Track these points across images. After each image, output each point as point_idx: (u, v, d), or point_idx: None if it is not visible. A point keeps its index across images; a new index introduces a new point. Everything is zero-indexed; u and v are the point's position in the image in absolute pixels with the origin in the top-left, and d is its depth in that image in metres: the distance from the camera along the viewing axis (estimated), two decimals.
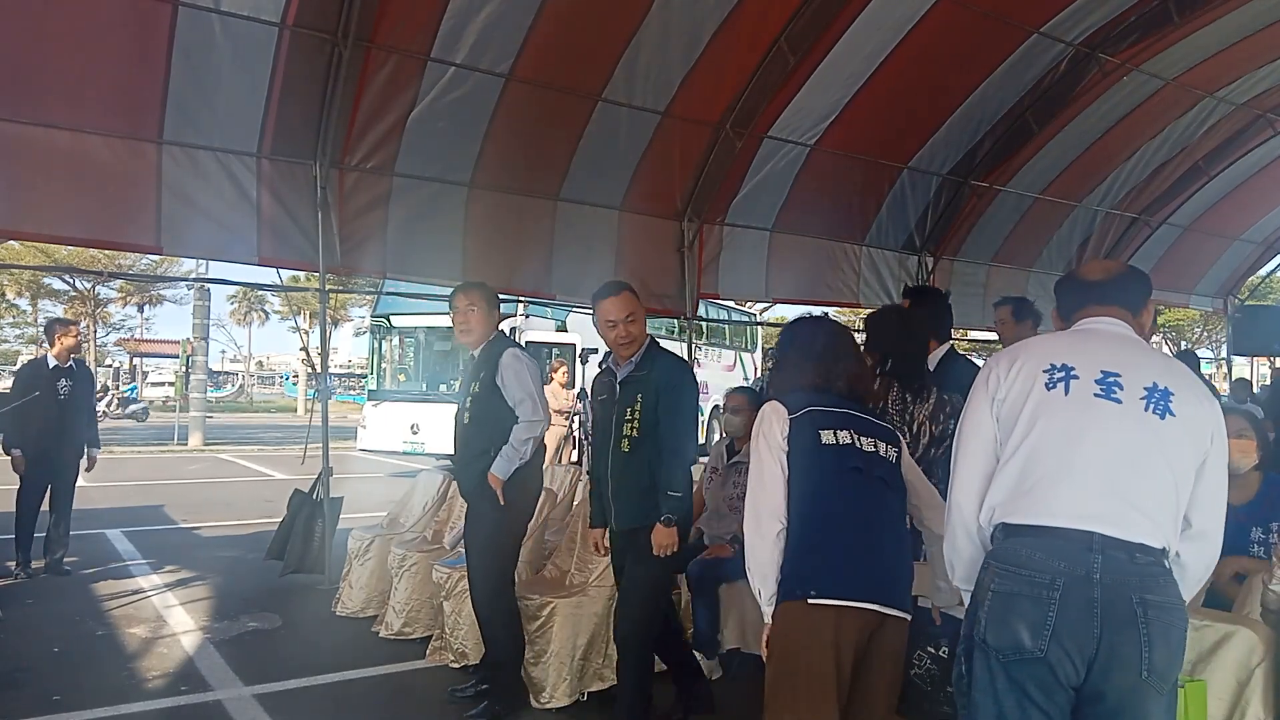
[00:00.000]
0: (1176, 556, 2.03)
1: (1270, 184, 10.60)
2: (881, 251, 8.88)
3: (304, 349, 30.65)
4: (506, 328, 4.51)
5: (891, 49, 6.80)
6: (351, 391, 38.92)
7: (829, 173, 7.87)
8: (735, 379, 16.49)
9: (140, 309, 43.35)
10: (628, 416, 3.56)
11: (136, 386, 36.95)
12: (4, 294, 35.96)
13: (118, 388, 33.26)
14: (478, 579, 3.96)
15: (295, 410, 37.18)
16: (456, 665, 4.45)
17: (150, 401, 39.53)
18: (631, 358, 3.62)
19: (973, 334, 12.55)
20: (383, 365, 15.08)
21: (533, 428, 3.94)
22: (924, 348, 3.88)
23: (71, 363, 6.54)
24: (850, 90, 7.15)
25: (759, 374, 18.07)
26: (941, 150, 8.20)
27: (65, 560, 6.49)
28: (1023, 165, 8.71)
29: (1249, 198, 10.74)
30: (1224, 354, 17.83)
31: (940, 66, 7.18)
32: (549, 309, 12.50)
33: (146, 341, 44.40)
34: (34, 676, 4.34)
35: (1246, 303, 12.89)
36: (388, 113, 6.01)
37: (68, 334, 6.57)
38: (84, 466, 6.67)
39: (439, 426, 11.47)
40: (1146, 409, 2.01)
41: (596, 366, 4.04)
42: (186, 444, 19.22)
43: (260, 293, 42.17)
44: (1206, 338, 33.85)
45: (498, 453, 3.89)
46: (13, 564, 6.29)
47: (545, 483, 4.38)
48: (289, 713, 4.02)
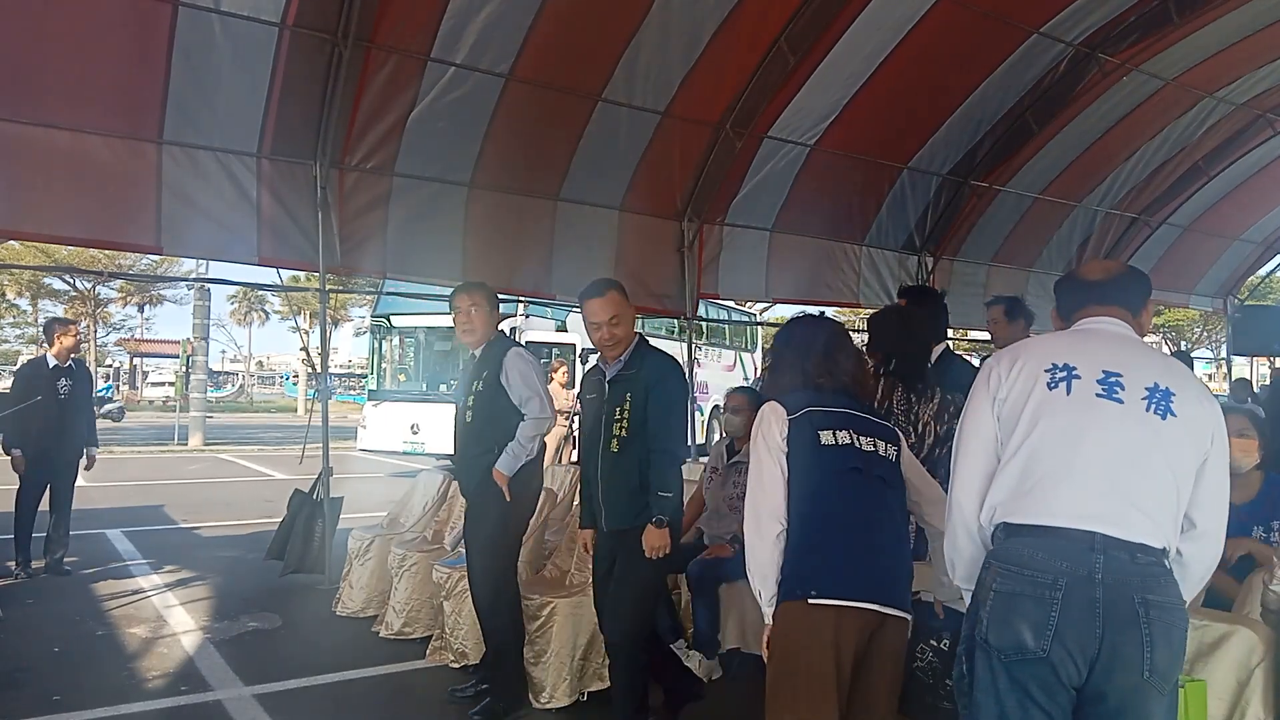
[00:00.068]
0: (1178, 555, 2.03)
1: (1270, 184, 10.60)
2: (881, 251, 8.89)
3: (304, 349, 30.61)
4: (506, 328, 4.51)
5: (891, 49, 6.80)
6: (351, 391, 38.93)
7: (829, 173, 7.88)
8: (735, 379, 16.46)
9: (140, 309, 43.41)
10: (616, 416, 3.48)
11: (112, 386, 36.96)
12: (4, 294, 35.95)
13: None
14: (481, 576, 3.96)
15: (295, 410, 37.17)
16: (456, 665, 4.44)
17: (150, 401, 39.55)
18: (620, 356, 3.56)
19: (973, 334, 12.56)
20: (383, 365, 15.07)
21: (540, 425, 3.95)
22: (926, 348, 3.88)
23: (71, 362, 6.54)
24: (850, 90, 7.16)
25: (759, 374, 18.04)
26: (941, 150, 8.21)
27: (65, 560, 6.49)
28: (1023, 165, 8.72)
29: (1249, 198, 10.74)
30: (1224, 354, 17.82)
31: (940, 66, 7.18)
32: (549, 309, 12.49)
33: (146, 341, 44.45)
34: (34, 676, 4.34)
35: (1246, 303, 12.89)
36: (388, 113, 6.01)
37: (67, 334, 6.56)
38: (83, 466, 6.67)
39: (439, 426, 11.47)
40: (1148, 409, 2.01)
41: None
42: (186, 444, 19.24)
43: (260, 293, 42.22)
44: (1206, 338, 33.84)
45: (502, 450, 3.89)
46: (13, 564, 6.29)
47: (545, 483, 4.38)
48: (289, 713, 4.02)
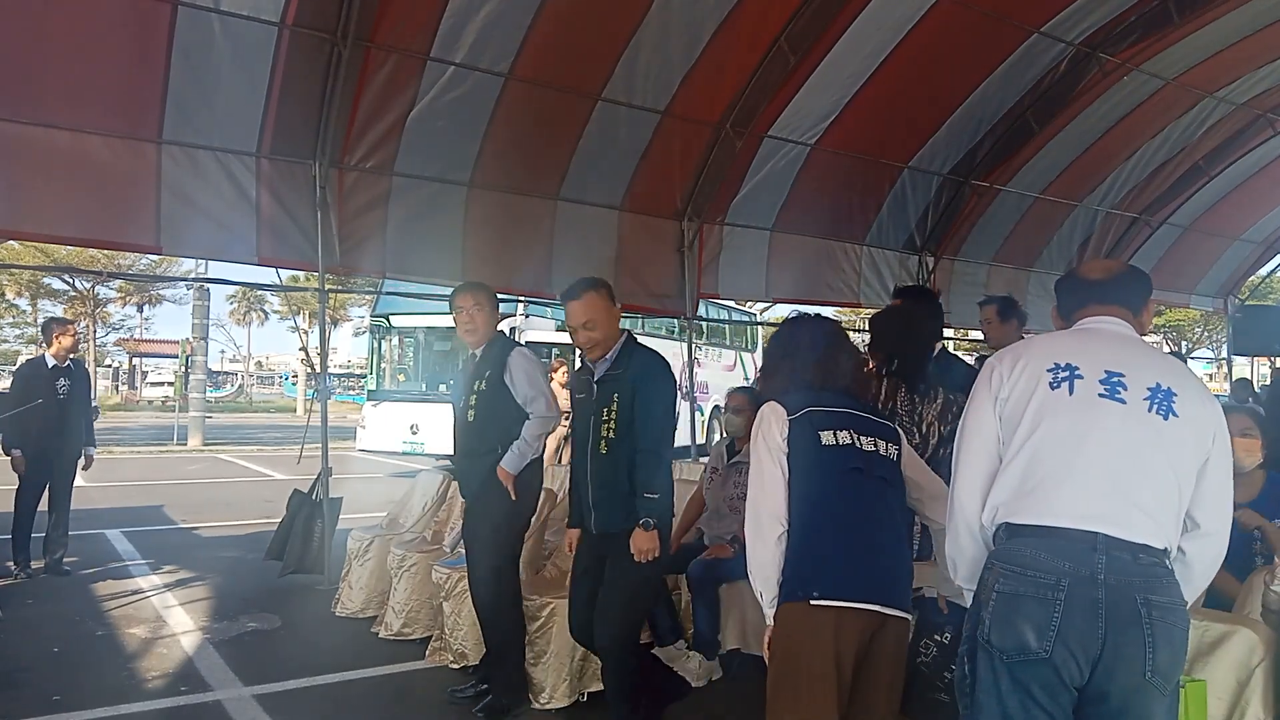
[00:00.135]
0: (1181, 555, 2.03)
1: (1270, 184, 10.60)
2: (882, 251, 8.88)
3: (303, 349, 30.64)
4: (506, 327, 4.51)
5: (891, 49, 6.80)
6: (351, 391, 38.91)
7: (829, 172, 7.87)
8: (735, 379, 16.44)
9: (140, 309, 43.35)
10: (604, 417, 3.42)
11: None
12: (4, 294, 35.91)
13: None
14: (484, 575, 3.95)
15: (295, 410, 37.16)
16: (456, 666, 4.44)
17: (150, 401, 39.51)
18: (606, 356, 3.49)
19: (974, 334, 12.53)
20: (382, 365, 15.06)
21: (546, 424, 3.95)
22: (928, 347, 3.88)
23: (70, 362, 6.53)
24: (850, 90, 7.15)
25: (759, 374, 17.97)
26: (942, 150, 8.20)
27: (65, 560, 6.48)
28: (1023, 165, 8.71)
29: (1249, 198, 10.74)
30: (1224, 354, 17.81)
31: (940, 66, 7.17)
32: (549, 309, 12.48)
33: (146, 341, 44.43)
34: (34, 676, 4.33)
35: (1247, 303, 12.89)
36: (387, 112, 6.01)
37: (65, 333, 6.55)
38: (81, 466, 6.67)
39: (438, 426, 11.46)
40: (1150, 409, 2.01)
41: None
42: (186, 444, 19.24)
43: (260, 293, 42.21)
44: (1206, 338, 33.82)
45: (505, 449, 3.89)
46: (12, 564, 6.28)
47: (545, 482, 4.38)
48: (288, 713, 4.02)
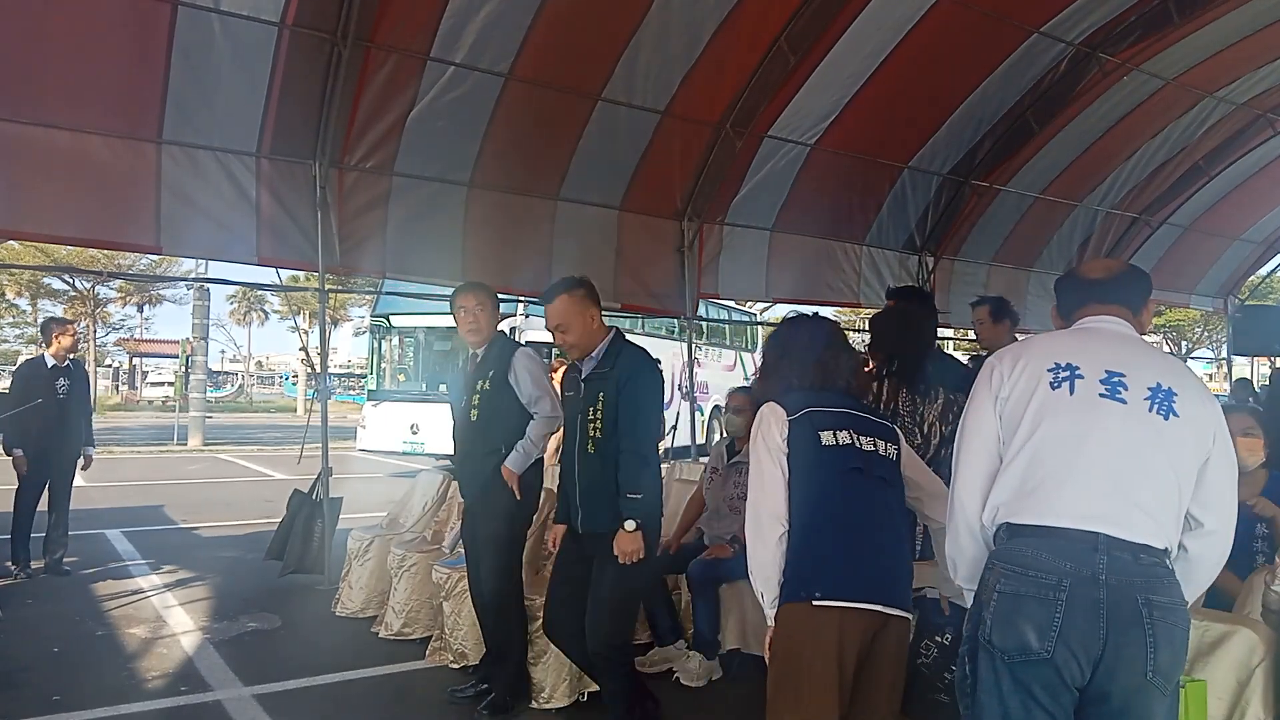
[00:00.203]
0: (1185, 553, 2.03)
1: (1270, 184, 10.60)
2: (882, 251, 8.88)
3: (303, 349, 30.63)
4: (506, 327, 4.51)
5: (891, 49, 6.79)
6: (351, 391, 38.88)
7: (829, 172, 7.87)
8: (735, 379, 16.44)
9: (140, 309, 43.30)
10: (590, 416, 3.38)
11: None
12: (4, 294, 35.88)
13: None
14: (488, 574, 3.95)
15: (295, 410, 37.15)
16: (456, 666, 4.44)
17: (150, 401, 39.51)
18: (592, 354, 3.47)
19: (974, 334, 12.51)
20: (382, 365, 15.06)
21: (551, 424, 3.96)
22: (927, 347, 3.88)
23: (69, 362, 6.53)
24: (850, 90, 7.15)
25: (758, 374, 17.97)
26: (942, 150, 8.20)
27: (65, 560, 6.48)
28: (1023, 165, 8.71)
29: (1249, 198, 10.73)
30: (1224, 354, 17.80)
31: (940, 66, 7.17)
32: None
33: (146, 341, 44.41)
34: (34, 676, 4.33)
35: (1247, 303, 12.89)
36: (387, 112, 6.00)
37: (65, 333, 6.55)
38: (80, 465, 6.66)
39: (439, 426, 11.43)
40: (1150, 409, 2.01)
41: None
42: (186, 444, 19.24)
43: (260, 293, 42.17)
44: (1207, 338, 33.82)
45: (509, 449, 3.90)
46: (12, 564, 6.28)
47: (545, 482, 4.38)
48: (288, 713, 4.02)
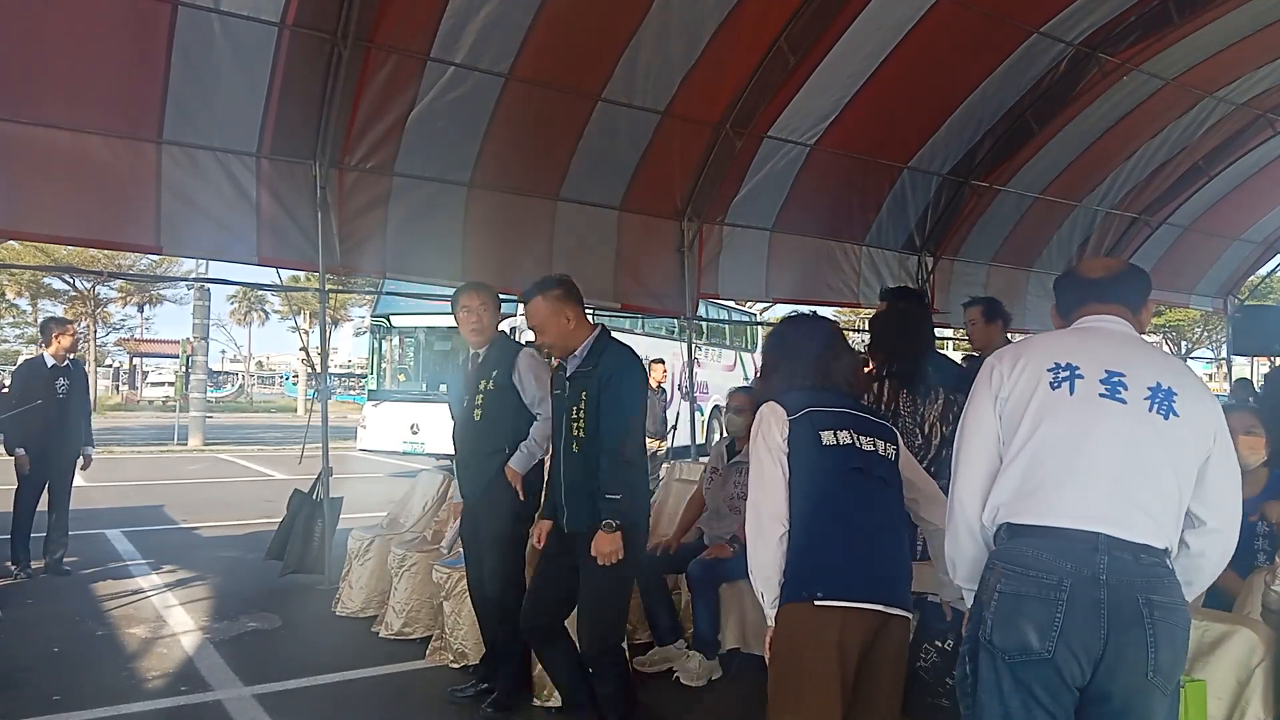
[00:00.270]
0: (1188, 550, 2.04)
1: (1270, 184, 10.60)
2: (881, 251, 8.88)
3: (304, 349, 30.59)
4: (506, 327, 4.49)
5: (891, 49, 6.80)
6: (351, 391, 38.88)
7: (829, 173, 7.87)
8: (735, 379, 16.45)
9: (140, 309, 43.31)
10: (574, 415, 3.35)
11: None
12: (4, 294, 35.89)
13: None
14: (491, 574, 3.94)
15: (295, 410, 37.16)
16: (456, 666, 4.44)
17: (150, 401, 39.51)
18: (576, 352, 3.43)
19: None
20: (383, 365, 15.06)
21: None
22: (925, 348, 3.88)
23: (69, 362, 6.53)
24: (850, 90, 7.15)
25: (757, 373, 17.97)
26: (941, 150, 8.20)
27: (65, 560, 6.48)
28: (1023, 165, 8.71)
29: (1249, 198, 10.74)
30: (1224, 354, 17.80)
31: (940, 66, 7.17)
32: None
33: (146, 341, 44.42)
34: (34, 676, 4.33)
35: (1246, 303, 12.89)
36: (387, 112, 6.01)
37: (64, 333, 6.55)
38: (80, 465, 6.67)
39: (439, 426, 11.42)
40: (1150, 409, 2.01)
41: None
42: (186, 444, 19.24)
43: (260, 293, 42.18)
44: (1206, 338, 33.82)
45: (513, 449, 3.89)
46: (12, 564, 6.28)
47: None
48: (289, 713, 4.02)
